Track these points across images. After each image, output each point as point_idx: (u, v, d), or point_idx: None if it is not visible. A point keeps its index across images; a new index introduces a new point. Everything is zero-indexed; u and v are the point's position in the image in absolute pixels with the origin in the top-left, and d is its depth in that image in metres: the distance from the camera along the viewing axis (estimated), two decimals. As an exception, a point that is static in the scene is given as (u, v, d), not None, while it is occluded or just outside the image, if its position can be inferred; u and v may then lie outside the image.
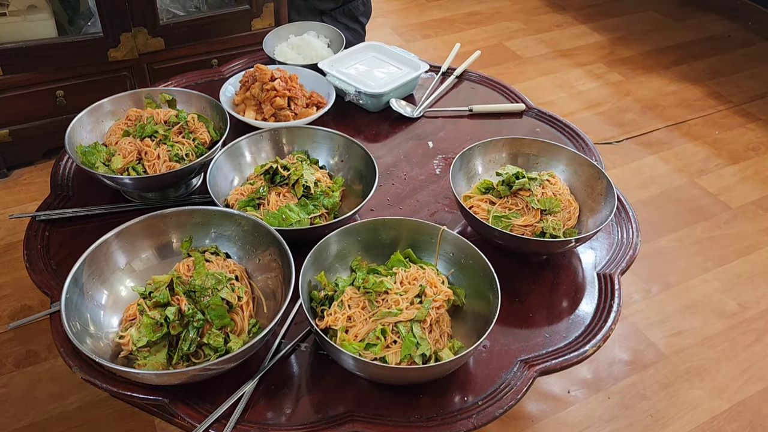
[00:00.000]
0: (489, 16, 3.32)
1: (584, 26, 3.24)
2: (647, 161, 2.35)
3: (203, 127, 1.24)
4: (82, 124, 1.21)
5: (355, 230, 1.00)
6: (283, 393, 0.88)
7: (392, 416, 0.85)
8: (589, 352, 0.93)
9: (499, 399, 0.87)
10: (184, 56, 2.01)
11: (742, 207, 2.15)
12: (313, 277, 0.95)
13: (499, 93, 1.53)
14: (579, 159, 1.16)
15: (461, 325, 0.95)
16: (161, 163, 1.16)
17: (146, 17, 1.86)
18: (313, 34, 1.67)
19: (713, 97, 2.71)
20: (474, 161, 1.19)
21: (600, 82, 2.79)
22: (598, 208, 1.10)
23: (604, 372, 1.62)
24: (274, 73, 1.36)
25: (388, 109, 1.44)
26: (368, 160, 1.15)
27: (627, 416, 1.52)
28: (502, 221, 1.07)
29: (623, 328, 1.73)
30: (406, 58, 1.51)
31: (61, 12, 1.93)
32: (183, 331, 0.86)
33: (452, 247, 0.98)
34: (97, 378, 0.86)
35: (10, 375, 1.54)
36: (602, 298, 1.03)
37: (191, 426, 0.82)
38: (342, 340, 0.86)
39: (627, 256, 1.10)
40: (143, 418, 1.46)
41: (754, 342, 1.71)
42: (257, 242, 0.99)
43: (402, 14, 3.32)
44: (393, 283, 0.92)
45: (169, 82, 1.49)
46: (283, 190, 1.11)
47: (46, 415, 1.46)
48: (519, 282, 1.06)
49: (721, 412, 1.54)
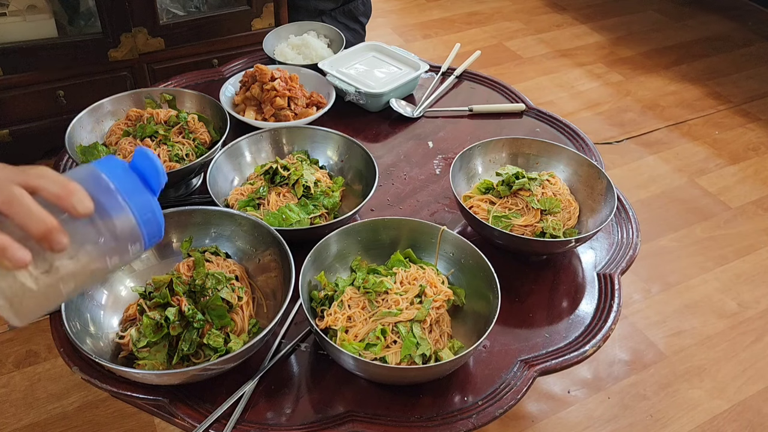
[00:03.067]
0: (489, 16, 3.32)
1: (584, 26, 3.24)
2: (647, 161, 2.35)
3: (203, 127, 1.24)
4: (82, 124, 1.21)
5: (355, 230, 1.00)
6: (283, 393, 0.88)
7: (392, 416, 0.85)
8: (589, 352, 0.93)
9: (499, 399, 0.87)
10: (184, 56, 2.01)
11: (742, 207, 2.15)
12: (313, 277, 0.95)
13: (499, 93, 1.53)
14: (579, 159, 1.16)
15: (461, 325, 0.95)
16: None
17: (146, 17, 1.86)
18: (313, 34, 1.67)
19: (713, 97, 2.71)
20: (474, 161, 1.19)
21: (600, 82, 2.79)
22: (598, 208, 1.10)
23: (604, 372, 1.62)
24: (274, 73, 1.36)
25: (388, 109, 1.44)
26: (368, 160, 1.15)
27: (627, 416, 1.52)
28: (502, 221, 1.07)
29: (623, 328, 1.73)
30: (406, 58, 1.51)
31: (61, 12, 1.93)
32: (183, 331, 0.86)
33: (452, 247, 0.98)
34: (97, 378, 0.86)
35: (10, 375, 1.54)
36: (602, 298, 1.03)
37: (191, 426, 0.82)
38: (342, 340, 0.86)
39: (627, 256, 1.10)
40: (143, 418, 1.46)
41: (754, 342, 1.71)
42: (257, 242, 0.99)
43: (402, 14, 3.33)
44: (393, 283, 0.92)
45: (169, 82, 1.49)
46: (283, 190, 1.11)
47: (46, 415, 1.47)
48: (519, 282, 1.06)
49: (721, 412, 1.54)
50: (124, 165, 0.59)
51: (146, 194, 0.59)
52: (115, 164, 0.59)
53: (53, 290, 0.55)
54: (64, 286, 0.56)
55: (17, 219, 0.51)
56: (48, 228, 0.51)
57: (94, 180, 0.57)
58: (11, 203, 0.51)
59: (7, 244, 0.50)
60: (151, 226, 0.59)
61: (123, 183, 0.58)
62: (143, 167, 0.60)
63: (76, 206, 0.53)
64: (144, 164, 0.60)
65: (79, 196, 0.53)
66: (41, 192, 0.53)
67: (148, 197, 0.59)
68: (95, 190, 0.56)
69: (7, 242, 0.50)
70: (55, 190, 0.53)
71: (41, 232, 0.51)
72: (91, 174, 0.57)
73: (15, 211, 0.51)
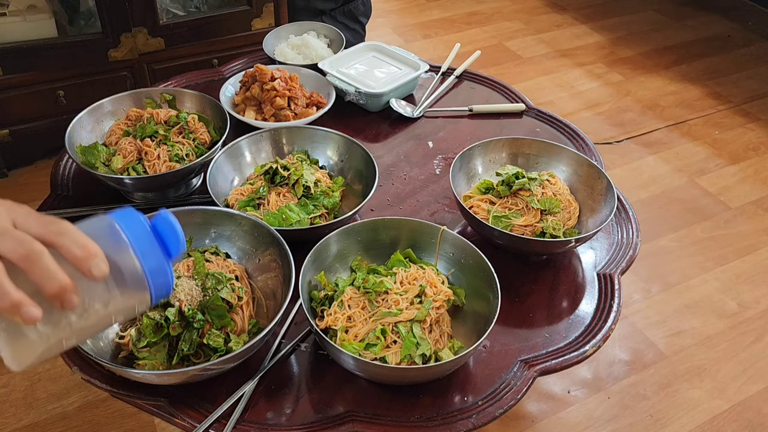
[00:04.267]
0: (489, 16, 3.32)
1: (584, 26, 3.24)
2: (647, 161, 2.35)
3: (203, 127, 1.24)
4: (82, 124, 1.21)
5: (355, 230, 1.00)
6: (283, 393, 0.88)
7: (392, 416, 0.85)
8: (589, 352, 0.93)
9: (499, 399, 0.87)
10: (184, 56, 2.01)
11: (742, 207, 2.15)
12: (313, 277, 0.95)
13: (499, 93, 1.53)
14: (579, 159, 1.16)
15: (461, 325, 0.95)
16: (161, 163, 1.16)
17: (146, 17, 1.86)
18: (313, 34, 1.67)
19: (713, 97, 2.71)
20: (474, 161, 1.19)
21: (600, 82, 2.79)
22: (598, 208, 1.10)
23: (604, 372, 1.62)
24: (274, 73, 1.36)
25: (388, 109, 1.44)
26: (368, 160, 1.15)
27: (627, 416, 1.52)
28: (502, 221, 1.07)
29: (623, 328, 1.73)
30: (406, 58, 1.51)
31: (61, 12, 1.93)
32: (183, 331, 0.86)
33: (452, 247, 0.98)
34: (97, 378, 0.86)
35: (10, 375, 1.54)
36: (602, 298, 1.03)
37: (191, 426, 0.82)
38: (342, 340, 0.86)
39: (627, 256, 1.10)
40: (143, 418, 1.46)
41: (754, 342, 1.71)
42: (257, 242, 0.99)
43: (402, 14, 3.33)
44: (393, 283, 0.92)
45: (169, 82, 1.49)
46: (283, 190, 1.11)
47: (46, 415, 1.47)
48: (519, 282, 1.06)
49: (721, 412, 1.54)
50: (144, 224, 0.58)
51: (162, 259, 0.58)
52: (136, 222, 0.58)
53: (56, 342, 0.56)
54: (66, 340, 0.56)
55: (34, 277, 0.51)
56: (63, 288, 0.52)
57: (113, 238, 0.56)
58: (30, 260, 0.51)
59: (22, 301, 0.50)
60: (161, 289, 0.58)
61: (141, 244, 0.57)
62: (164, 231, 0.59)
63: (92, 270, 0.53)
64: (165, 228, 0.59)
65: (97, 261, 0.53)
66: (60, 250, 0.53)
67: (164, 262, 0.58)
68: (112, 248, 0.55)
69: (23, 299, 0.50)
70: (75, 252, 0.53)
71: (55, 293, 0.52)
72: (111, 230, 0.56)
73: (32, 269, 0.51)
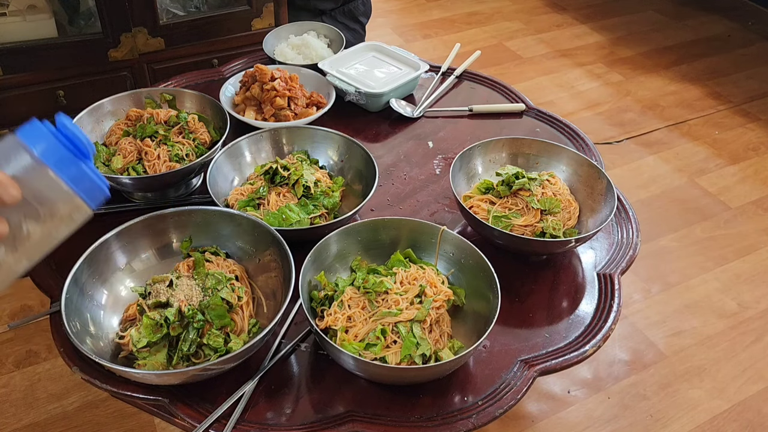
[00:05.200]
0: (489, 16, 3.32)
1: (584, 26, 3.24)
2: (647, 161, 2.35)
3: (203, 127, 1.24)
4: (82, 124, 1.21)
5: (355, 230, 1.00)
6: (283, 393, 0.88)
7: (392, 416, 0.85)
8: (589, 352, 0.93)
9: (499, 399, 0.87)
10: (184, 56, 2.01)
11: (742, 207, 2.15)
12: (313, 277, 0.95)
13: (499, 93, 1.53)
14: (579, 159, 1.16)
15: (461, 325, 0.95)
16: (161, 163, 1.16)
17: (146, 17, 1.86)
18: (313, 34, 1.67)
19: (713, 97, 2.71)
20: (474, 161, 1.19)
21: (600, 82, 2.79)
22: (598, 208, 1.10)
23: (604, 372, 1.62)
24: (274, 73, 1.36)
25: (388, 109, 1.44)
26: (368, 160, 1.15)
27: (627, 416, 1.52)
28: (502, 221, 1.07)
29: (623, 328, 1.73)
30: (406, 58, 1.51)
31: (61, 12, 1.93)
32: (183, 331, 0.86)
33: (452, 247, 0.98)
34: (97, 378, 0.86)
35: (10, 375, 1.54)
36: (602, 298, 1.03)
37: (191, 426, 0.82)
38: (342, 340, 0.86)
39: (627, 256, 1.10)
40: (143, 418, 1.46)
41: (754, 342, 1.71)
42: (257, 242, 0.99)
43: (402, 14, 3.33)
44: (393, 283, 0.92)
45: (169, 82, 1.49)
46: (283, 190, 1.11)
47: (46, 415, 1.47)
48: (519, 282, 1.06)
49: (721, 412, 1.54)
50: (50, 135, 0.56)
51: (77, 162, 0.56)
52: (43, 135, 0.55)
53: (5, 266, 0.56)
54: (16, 263, 0.57)
55: None
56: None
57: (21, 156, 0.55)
58: None
59: None
60: (92, 192, 0.57)
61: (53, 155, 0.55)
62: (69, 134, 0.56)
63: (2, 197, 0.53)
64: (69, 132, 0.56)
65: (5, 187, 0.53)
66: None
67: (80, 165, 0.56)
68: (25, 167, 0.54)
69: None
70: None
71: None
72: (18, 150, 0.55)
73: None
